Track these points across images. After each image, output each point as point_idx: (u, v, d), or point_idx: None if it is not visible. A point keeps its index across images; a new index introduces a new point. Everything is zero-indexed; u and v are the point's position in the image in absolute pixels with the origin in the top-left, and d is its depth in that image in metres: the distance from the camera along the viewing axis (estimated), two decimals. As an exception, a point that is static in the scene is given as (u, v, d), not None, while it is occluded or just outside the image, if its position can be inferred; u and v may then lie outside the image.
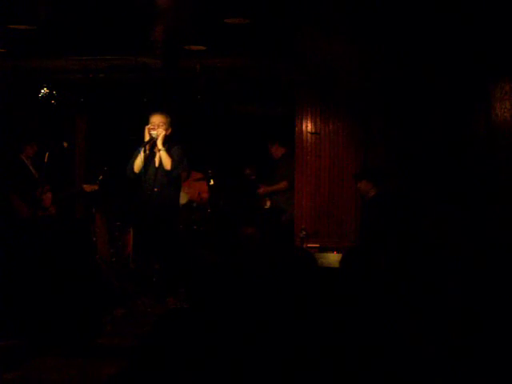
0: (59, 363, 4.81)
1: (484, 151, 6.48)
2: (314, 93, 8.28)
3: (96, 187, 7.71)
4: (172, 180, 6.88)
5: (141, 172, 6.75)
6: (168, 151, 6.77)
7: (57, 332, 5.24)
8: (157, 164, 6.85)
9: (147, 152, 6.76)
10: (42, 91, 8.34)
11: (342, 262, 3.90)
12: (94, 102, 8.94)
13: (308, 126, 8.30)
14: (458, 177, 7.07)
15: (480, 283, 4.53)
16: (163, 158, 6.76)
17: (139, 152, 6.76)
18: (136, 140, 7.04)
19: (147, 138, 6.77)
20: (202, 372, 2.66)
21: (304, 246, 7.28)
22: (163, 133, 6.75)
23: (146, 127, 6.79)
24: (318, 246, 7.78)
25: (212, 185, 8.60)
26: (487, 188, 6.37)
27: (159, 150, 6.78)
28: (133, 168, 6.82)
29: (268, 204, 8.47)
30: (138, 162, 6.75)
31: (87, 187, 7.80)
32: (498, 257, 5.14)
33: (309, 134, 8.29)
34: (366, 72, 7.69)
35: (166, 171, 6.77)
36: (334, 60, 7.68)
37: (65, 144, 8.43)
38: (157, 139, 6.74)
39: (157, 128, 6.76)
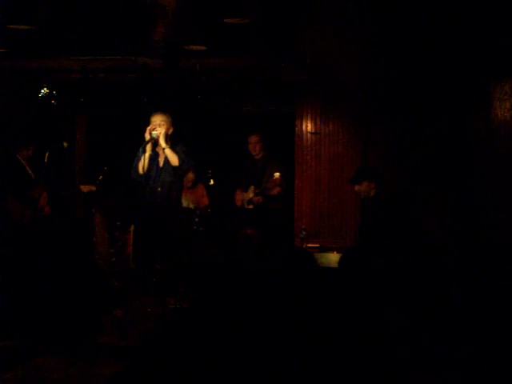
0: (59, 363, 4.80)
1: (484, 151, 6.49)
2: (314, 93, 8.27)
3: (93, 188, 7.69)
4: (178, 177, 6.89)
5: (145, 173, 6.74)
6: (172, 149, 6.79)
7: (57, 332, 5.23)
8: (161, 164, 6.86)
9: (150, 152, 6.77)
10: (42, 91, 8.34)
11: (340, 262, 3.90)
12: (93, 102, 8.93)
13: (308, 126, 8.29)
14: (457, 176, 7.07)
15: (479, 283, 4.52)
16: (169, 156, 6.77)
17: (142, 153, 6.74)
18: (137, 140, 7.04)
19: (148, 138, 6.77)
20: (202, 372, 2.66)
21: (304, 245, 7.27)
22: (163, 131, 6.76)
23: (147, 128, 6.79)
24: (318, 245, 7.77)
25: (212, 185, 8.59)
26: (487, 187, 6.37)
27: (163, 149, 6.78)
28: (137, 169, 6.80)
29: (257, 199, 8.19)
30: (142, 163, 6.73)
31: (84, 188, 7.79)
32: (499, 256, 5.14)
33: (309, 134, 8.28)
34: (366, 72, 7.69)
35: (174, 167, 6.78)
36: (334, 60, 7.69)
37: (65, 144, 8.44)
38: (157, 139, 6.75)
39: (157, 127, 6.76)
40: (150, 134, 6.76)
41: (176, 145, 6.87)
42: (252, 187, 7.94)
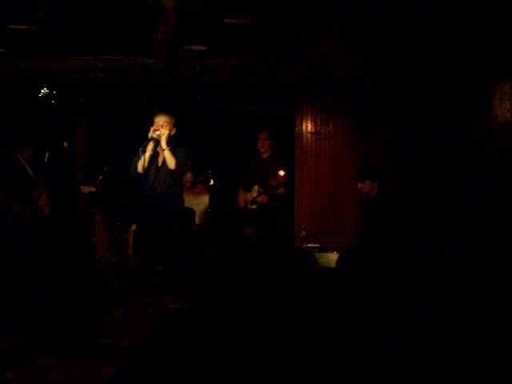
0: (59, 363, 4.81)
1: (484, 151, 6.49)
2: (314, 93, 8.28)
3: (93, 189, 7.69)
4: (176, 180, 6.90)
5: (144, 172, 6.75)
6: (173, 151, 6.80)
7: (57, 332, 5.24)
8: (160, 164, 6.87)
9: (151, 152, 6.79)
10: (42, 91, 8.34)
11: (338, 261, 3.90)
12: (93, 101, 8.93)
13: (308, 126, 8.29)
14: (457, 177, 7.07)
15: (479, 283, 4.53)
16: (167, 158, 6.78)
17: (142, 152, 6.76)
18: (137, 140, 7.04)
19: (150, 137, 6.79)
20: (202, 372, 2.66)
21: (304, 245, 7.27)
22: (166, 132, 6.78)
23: (151, 128, 6.82)
24: (318, 245, 7.77)
25: (212, 185, 8.58)
26: (487, 188, 6.37)
27: (163, 150, 6.80)
28: (136, 168, 6.83)
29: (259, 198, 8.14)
30: (142, 163, 6.74)
31: (84, 188, 7.79)
32: (498, 255, 5.15)
33: (309, 134, 8.29)
34: (366, 72, 7.69)
35: (170, 171, 6.79)
36: (334, 60, 7.69)
37: (65, 144, 8.43)
38: (159, 139, 6.77)
39: (160, 128, 6.78)
40: (152, 134, 6.78)
41: (178, 147, 6.87)
42: (256, 186, 7.91)
